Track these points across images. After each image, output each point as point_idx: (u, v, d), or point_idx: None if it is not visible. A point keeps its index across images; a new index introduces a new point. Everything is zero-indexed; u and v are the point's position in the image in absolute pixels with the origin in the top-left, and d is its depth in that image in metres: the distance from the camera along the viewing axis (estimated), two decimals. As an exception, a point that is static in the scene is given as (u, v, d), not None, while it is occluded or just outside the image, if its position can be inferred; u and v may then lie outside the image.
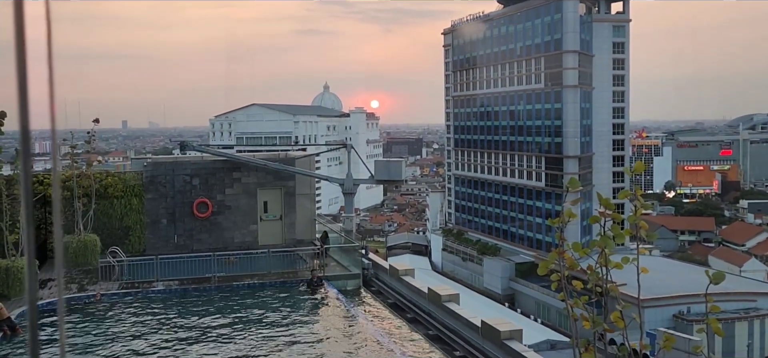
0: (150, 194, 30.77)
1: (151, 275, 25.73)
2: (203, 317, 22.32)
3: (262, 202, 32.15)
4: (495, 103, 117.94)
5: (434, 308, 22.39)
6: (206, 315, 22.58)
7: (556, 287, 4.44)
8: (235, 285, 25.64)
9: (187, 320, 22.01)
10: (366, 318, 22.46)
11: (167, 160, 33.31)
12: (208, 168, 31.65)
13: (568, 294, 4.40)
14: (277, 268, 26.97)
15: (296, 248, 29.30)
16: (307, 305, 24.27)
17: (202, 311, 23.10)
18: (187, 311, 23.07)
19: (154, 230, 30.81)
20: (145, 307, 23.43)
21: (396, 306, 24.53)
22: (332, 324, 21.97)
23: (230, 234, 31.45)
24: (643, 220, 4.31)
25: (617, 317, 4.31)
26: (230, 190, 31.58)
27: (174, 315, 22.59)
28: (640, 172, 4.45)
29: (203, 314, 22.68)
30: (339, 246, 30.43)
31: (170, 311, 23.10)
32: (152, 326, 21.35)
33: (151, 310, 23.11)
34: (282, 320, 22.20)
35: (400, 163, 34.57)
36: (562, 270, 4.41)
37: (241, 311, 23.04)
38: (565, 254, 4.44)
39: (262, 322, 21.94)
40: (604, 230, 4.31)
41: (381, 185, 34.61)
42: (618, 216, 4.38)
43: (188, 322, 21.86)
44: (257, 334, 20.72)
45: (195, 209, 31.00)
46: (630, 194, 4.55)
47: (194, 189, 31.22)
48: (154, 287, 25.12)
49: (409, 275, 26.01)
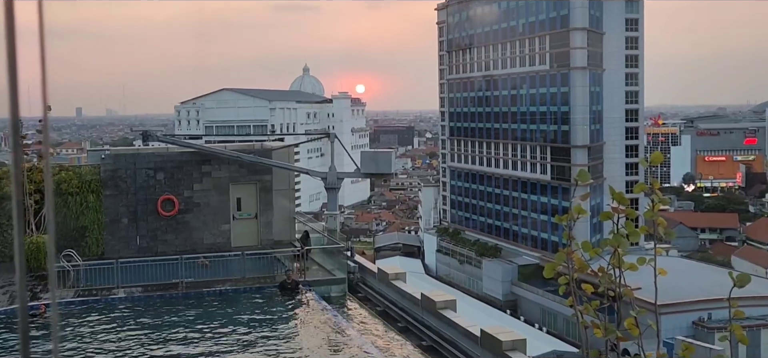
0: (109, 191, 30.64)
1: (111, 281, 25.64)
2: (170, 328, 22.28)
3: (235, 198, 32.09)
4: (495, 86, 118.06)
5: (428, 316, 22.44)
6: (173, 326, 22.54)
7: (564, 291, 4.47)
8: (206, 292, 25.60)
9: (151, 332, 21.95)
10: (352, 328, 22.49)
11: (128, 152, 33.16)
12: (173, 161, 31.53)
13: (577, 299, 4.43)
14: (253, 272, 26.95)
15: (273, 250, 29.27)
16: (287, 313, 24.26)
17: (168, 321, 23.05)
18: (152, 321, 23.01)
19: (114, 230, 30.69)
20: (105, 317, 23.34)
21: (385, 314, 24.57)
22: (315, 335, 21.98)
23: (199, 235, 31.39)
24: (661, 216, 4.35)
25: (632, 325, 4.35)
26: (199, 185, 31.50)
27: (137, 326, 22.52)
28: (657, 163, 4.49)
29: (170, 325, 22.63)
30: (321, 247, 30.41)
31: (132, 321, 23.04)
32: (112, 339, 21.28)
33: (111, 320, 23.04)
34: (258, 330, 22.19)
35: (389, 154, 34.56)
36: (570, 273, 4.45)
37: (213, 321, 23.01)
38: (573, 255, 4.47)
39: (236, 333, 21.92)
40: (617, 228, 4.35)
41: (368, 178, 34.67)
42: (632, 212, 4.40)
43: (153, 333, 21.80)
44: (231, 347, 20.71)
45: (159, 206, 30.90)
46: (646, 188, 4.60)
47: (158, 184, 31.12)
48: (115, 295, 25.04)
49: (399, 280, 26.05)
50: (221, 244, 31.22)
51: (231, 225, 31.87)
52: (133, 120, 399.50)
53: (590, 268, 4.47)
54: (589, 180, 4.67)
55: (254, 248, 30.33)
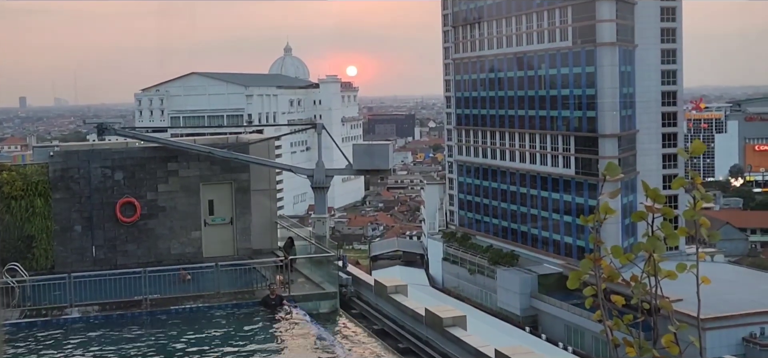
0: (59, 194, 30.60)
1: (63, 299, 25.61)
2: (132, 353, 22.25)
3: (207, 201, 32.07)
4: (509, 67, 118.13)
5: (434, 335, 22.46)
6: (136, 350, 22.51)
7: (591, 304, 4.48)
8: (174, 310, 25.58)
9: (110, 357, 21.94)
10: (345, 349, 22.50)
11: (81, 148, 33.11)
12: (134, 158, 31.50)
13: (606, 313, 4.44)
14: (228, 286, 26.94)
15: (252, 261, 29.26)
16: (268, 334, 24.26)
17: (130, 346, 23.02)
18: (111, 346, 22.98)
19: (65, 239, 30.65)
20: (56, 341, 23.31)
21: (383, 333, 24.58)
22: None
23: (165, 243, 31.36)
24: (703, 216, 4.36)
25: (670, 342, 4.35)
26: (164, 186, 31.47)
27: (93, 351, 22.49)
28: (698, 153, 4.49)
29: (132, 349, 22.60)
30: (308, 257, 30.41)
31: (88, 345, 23.00)
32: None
33: (62, 345, 23.00)
34: (235, 354, 22.17)
35: (385, 147, 34.57)
36: (598, 282, 4.45)
37: (182, 343, 22.99)
38: (601, 262, 4.48)
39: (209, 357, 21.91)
40: (652, 230, 4.35)
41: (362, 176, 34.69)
42: (670, 211, 4.41)
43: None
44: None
45: (118, 211, 30.88)
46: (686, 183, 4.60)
47: (117, 186, 31.09)
48: (67, 315, 25.01)
49: (400, 293, 26.06)
50: (191, 254, 31.19)
51: (202, 232, 31.83)
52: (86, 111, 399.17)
53: (621, 277, 4.48)
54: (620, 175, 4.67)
55: (230, 258, 30.31)
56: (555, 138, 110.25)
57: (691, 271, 4.37)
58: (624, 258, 4.46)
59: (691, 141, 4.66)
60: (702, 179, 4.79)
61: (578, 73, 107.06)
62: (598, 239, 4.48)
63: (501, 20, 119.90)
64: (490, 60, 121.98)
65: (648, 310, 4.34)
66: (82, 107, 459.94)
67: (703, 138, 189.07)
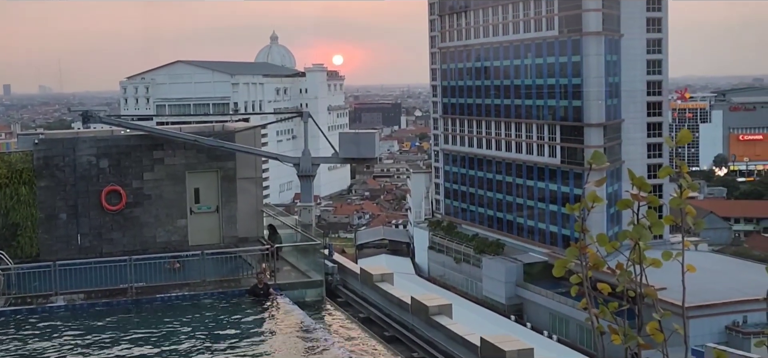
0: (43, 182, 30.49)
1: (48, 287, 25.54)
2: (117, 341, 22.22)
3: (193, 189, 32.02)
4: (495, 56, 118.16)
5: (419, 324, 22.51)
6: (121, 338, 22.48)
7: (577, 292, 4.49)
8: (159, 298, 25.55)
9: (95, 345, 21.89)
10: (331, 338, 22.52)
11: (66, 136, 33.00)
12: (120, 146, 31.41)
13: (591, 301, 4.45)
14: (214, 275, 26.92)
15: (238, 249, 29.25)
16: (254, 322, 24.25)
17: (115, 334, 22.98)
18: (96, 334, 22.93)
19: (50, 227, 30.55)
20: (41, 329, 23.24)
21: (369, 322, 24.63)
22: (286, 347, 22.00)
23: (151, 232, 31.31)
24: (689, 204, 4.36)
25: (655, 330, 4.37)
26: (150, 174, 31.39)
27: (78, 339, 22.44)
28: (685, 142, 4.50)
29: (117, 338, 22.57)
30: (294, 245, 30.41)
31: (73, 333, 22.95)
32: (50, 355, 21.20)
33: (48, 333, 22.94)
34: (221, 342, 22.17)
35: (372, 136, 34.56)
36: (584, 271, 4.46)
37: (167, 332, 22.97)
38: (587, 250, 4.49)
39: (194, 346, 21.89)
40: (638, 218, 4.36)
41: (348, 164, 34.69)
42: (655, 200, 4.42)
43: (97, 347, 21.74)
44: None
45: (104, 199, 30.78)
46: (672, 171, 4.60)
47: (102, 174, 30.99)
48: (52, 303, 24.95)
49: (386, 282, 26.11)
50: (177, 242, 31.15)
51: (188, 220, 31.79)
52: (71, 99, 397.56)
53: (607, 265, 4.49)
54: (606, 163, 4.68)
55: (215, 246, 30.28)
56: (541, 127, 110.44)
57: (676, 259, 4.38)
58: (609, 247, 4.47)
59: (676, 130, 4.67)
60: (687, 168, 4.78)
61: (564, 63, 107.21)
62: (583, 227, 4.49)
63: (487, 9, 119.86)
64: (477, 49, 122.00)
65: (633, 298, 4.36)
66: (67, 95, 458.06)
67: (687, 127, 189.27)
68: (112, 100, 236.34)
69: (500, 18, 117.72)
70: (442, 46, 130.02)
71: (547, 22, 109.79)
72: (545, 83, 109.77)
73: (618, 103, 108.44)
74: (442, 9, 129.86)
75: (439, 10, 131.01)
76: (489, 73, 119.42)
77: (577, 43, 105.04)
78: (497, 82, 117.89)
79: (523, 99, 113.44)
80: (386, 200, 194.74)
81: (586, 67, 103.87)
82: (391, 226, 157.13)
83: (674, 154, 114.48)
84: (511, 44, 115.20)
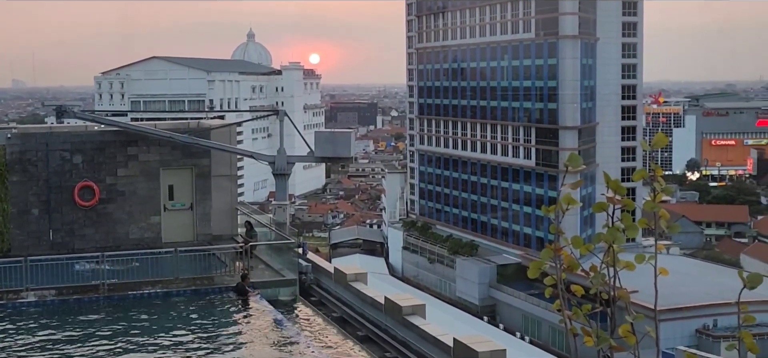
0: (15, 176, 30.21)
1: (19, 283, 25.29)
2: (89, 339, 22.08)
3: (167, 186, 31.85)
4: (472, 57, 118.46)
5: (393, 324, 22.51)
6: (93, 335, 22.34)
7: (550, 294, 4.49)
8: (132, 296, 25.39)
9: (66, 342, 21.74)
10: (304, 337, 22.49)
11: (39, 131, 32.72)
12: (94, 142, 31.19)
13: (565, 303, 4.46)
14: (187, 272, 26.78)
15: (212, 247, 29.14)
16: (226, 320, 24.18)
17: (87, 331, 22.84)
18: (68, 330, 22.78)
19: (22, 223, 30.29)
20: (11, 325, 23.05)
21: (343, 321, 24.59)
22: (259, 346, 21.95)
23: (124, 228, 31.11)
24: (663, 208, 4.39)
25: (627, 332, 4.38)
26: (124, 170, 31.20)
27: (49, 336, 22.27)
28: (660, 146, 4.52)
29: (89, 335, 22.43)
30: (268, 243, 30.33)
31: (44, 330, 22.77)
32: (19, 352, 21.03)
33: (18, 329, 22.75)
34: (192, 341, 22.08)
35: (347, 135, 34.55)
36: (558, 273, 4.47)
37: (139, 329, 22.84)
38: (562, 252, 4.50)
39: (166, 343, 21.79)
40: (612, 221, 4.38)
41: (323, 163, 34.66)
42: (630, 203, 4.44)
43: (68, 344, 21.60)
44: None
45: (77, 195, 30.56)
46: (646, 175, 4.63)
47: (75, 169, 30.75)
48: (23, 299, 24.73)
49: (360, 281, 26.08)
50: (150, 239, 30.95)
51: (161, 217, 31.61)
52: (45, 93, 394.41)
53: (581, 267, 4.50)
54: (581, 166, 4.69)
55: (189, 244, 30.12)
56: (516, 129, 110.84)
57: (648, 262, 4.40)
58: (584, 249, 4.49)
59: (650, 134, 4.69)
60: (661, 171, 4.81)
61: (540, 65, 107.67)
62: (558, 229, 4.50)
63: (464, 11, 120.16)
64: (454, 50, 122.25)
65: (606, 300, 4.37)
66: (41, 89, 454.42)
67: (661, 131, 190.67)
68: (86, 96, 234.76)
69: (477, 20, 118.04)
70: (419, 47, 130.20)
71: (524, 24, 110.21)
72: (521, 85, 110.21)
73: (593, 106, 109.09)
74: (420, 9, 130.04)
75: (416, 11, 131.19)
76: (465, 74, 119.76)
77: (554, 46, 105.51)
78: (473, 83, 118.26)
79: (498, 101, 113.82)
80: (361, 200, 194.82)
81: (561, 70, 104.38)
82: (365, 226, 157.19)
83: (648, 158, 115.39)
84: (487, 46, 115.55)
